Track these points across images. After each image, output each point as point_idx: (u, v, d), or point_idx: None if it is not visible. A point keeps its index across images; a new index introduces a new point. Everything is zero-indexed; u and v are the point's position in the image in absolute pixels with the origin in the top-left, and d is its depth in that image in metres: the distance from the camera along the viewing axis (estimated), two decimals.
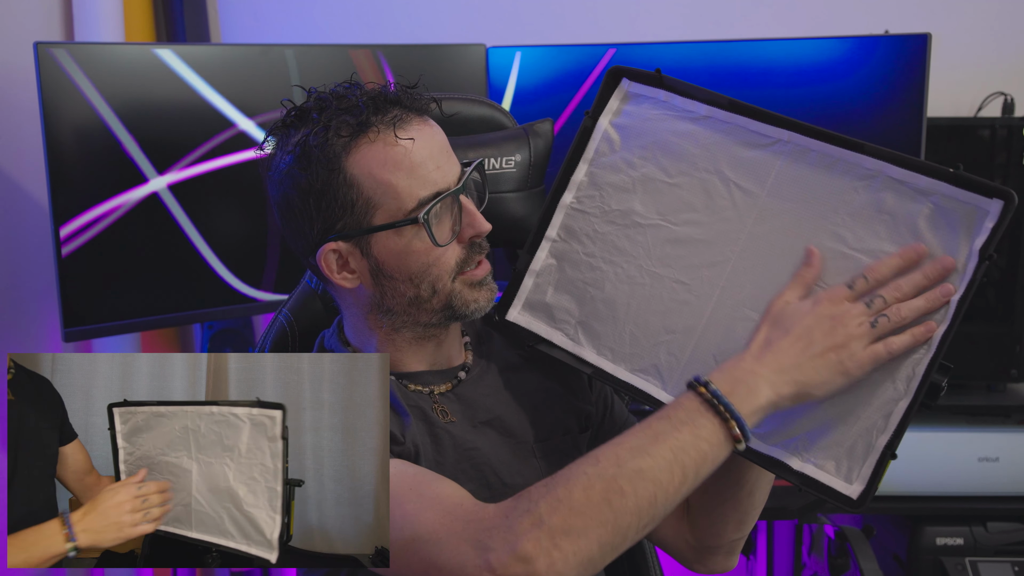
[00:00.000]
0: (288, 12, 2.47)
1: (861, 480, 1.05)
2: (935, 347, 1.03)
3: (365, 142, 1.08)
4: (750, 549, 2.32)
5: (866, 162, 1.08)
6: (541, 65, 2.21)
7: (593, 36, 2.42)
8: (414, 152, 1.09)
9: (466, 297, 1.15)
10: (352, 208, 1.09)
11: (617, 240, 1.20)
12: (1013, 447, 2.04)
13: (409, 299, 1.14)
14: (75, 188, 1.82)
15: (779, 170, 1.12)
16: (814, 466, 1.07)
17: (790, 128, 1.12)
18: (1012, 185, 1.94)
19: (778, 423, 1.08)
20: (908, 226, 1.06)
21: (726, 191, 1.15)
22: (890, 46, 2.08)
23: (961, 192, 1.04)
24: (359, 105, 1.09)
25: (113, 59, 1.85)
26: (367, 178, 1.09)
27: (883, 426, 1.04)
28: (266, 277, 2.04)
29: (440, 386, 1.20)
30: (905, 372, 1.04)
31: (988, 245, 1.02)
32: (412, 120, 1.11)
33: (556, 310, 1.22)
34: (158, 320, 1.95)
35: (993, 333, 2.13)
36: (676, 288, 1.15)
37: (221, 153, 1.96)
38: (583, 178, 1.23)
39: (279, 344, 1.30)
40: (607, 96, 1.24)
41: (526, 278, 1.25)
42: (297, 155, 1.09)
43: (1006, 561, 2.05)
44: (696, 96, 1.18)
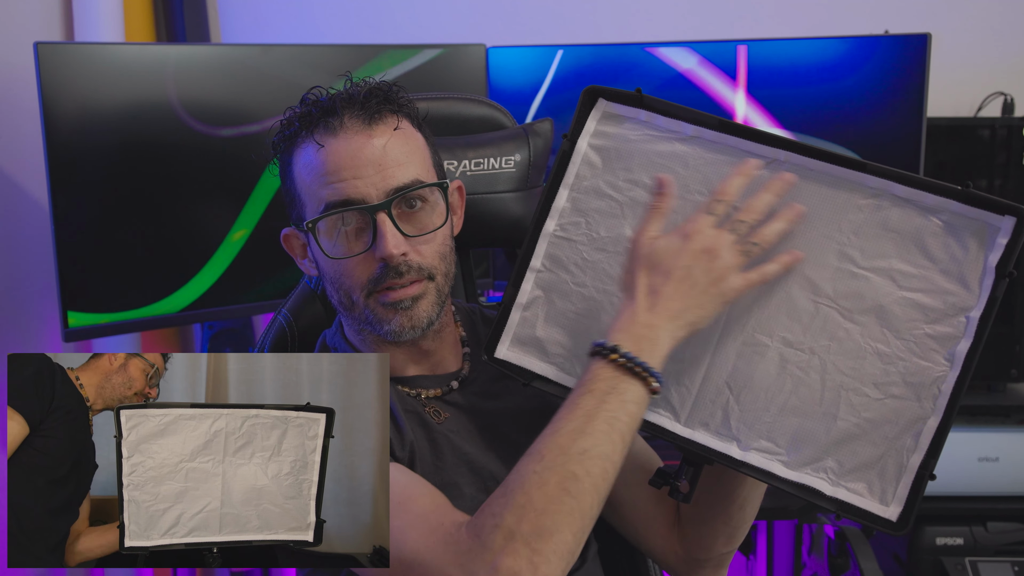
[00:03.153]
0: (288, 12, 2.47)
1: (898, 501, 1.03)
2: (960, 366, 1.02)
3: (301, 143, 1.13)
4: (750, 549, 2.32)
5: (869, 181, 1.06)
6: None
7: (593, 36, 2.42)
8: (328, 158, 1.10)
9: (380, 316, 1.13)
10: (293, 202, 1.16)
11: (609, 268, 1.14)
12: (1013, 447, 2.04)
13: (338, 302, 1.17)
14: (75, 188, 1.82)
15: None
16: (846, 490, 1.05)
17: (785, 147, 1.09)
18: (1012, 185, 1.92)
19: (803, 448, 1.07)
20: (916, 244, 1.04)
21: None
22: (890, 46, 2.08)
23: (971, 209, 1.02)
24: (312, 106, 1.13)
25: (113, 59, 1.85)
26: (298, 176, 1.14)
27: (913, 446, 1.03)
28: (266, 277, 2.04)
29: (430, 391, 1.20)
30: (930, 391, 1.03)
31: (1005, 262, 1.01)
32: (347, 127, 1.11)
33: (548, 343, 1.16)
34: (158, 320, 1.95)
35: (993, 333, 2.12)
36: None
37: (221, 153, 1.96)
38: (565, 204, 1.17)
39: (278, 344, 1.30)
40: (584, 117, 1.17)
41: (512, 312, 1.18)
42: (274, 142, 1.17)
43: (1006, 561, 2.05)
44: (680, 116, 1.13)
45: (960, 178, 2.17)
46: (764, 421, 1.08)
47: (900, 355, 1.04)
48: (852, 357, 1.06)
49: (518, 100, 2.23)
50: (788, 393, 1.07)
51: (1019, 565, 2.04)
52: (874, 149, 2.10)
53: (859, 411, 1.05)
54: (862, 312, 1.06)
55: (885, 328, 1.05)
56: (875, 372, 1.05)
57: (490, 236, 1.42)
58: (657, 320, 1.03)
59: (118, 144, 1.86)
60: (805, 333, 1.07)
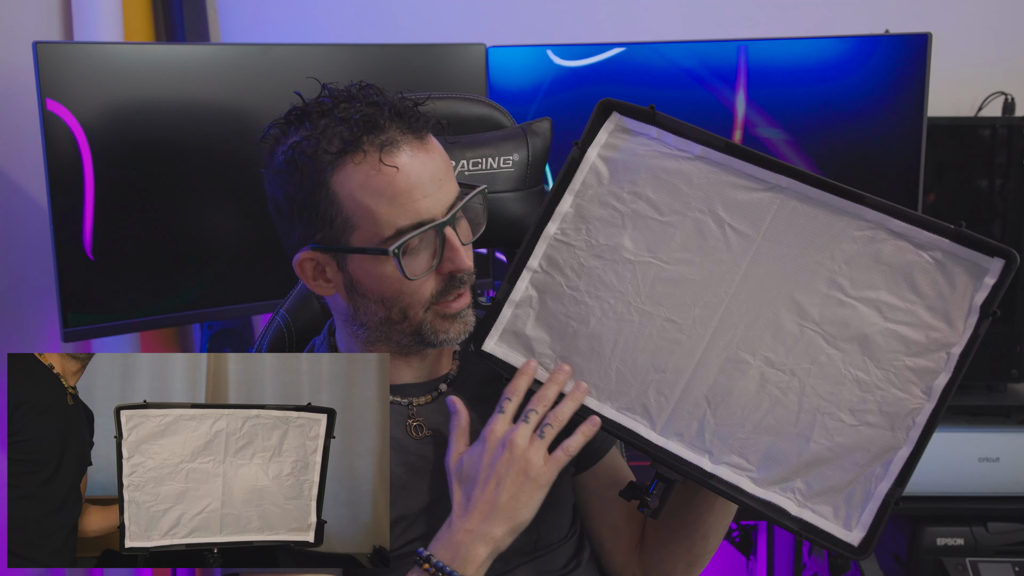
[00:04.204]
0: (288, 12, 2.47)
1: (862, 527, 1.05)
2: (936, 399, 1.04)
3: (351, 163, 1.06)
4: (750, 549, 2.32)
5: (866, 213, 1.09)
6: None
7: (593, 36, 2.42)
8: (398, 180, 1.06)
9: (436, 328, 1.13)
10: (331, 223, 1.08)
11: (604, 275, 1.17)
12: (1013, 447, 2.04)
13: (380, 319, 1.13)
14: (75, 188, 1.82)
15: (775, 214, 1.12)
16: (812, 512, 1.07)
17: (787, 174, 1.12)
18: (1012, 185, 1.93)
19: (773, 467, 1.08)
20: (906, 278, 1.07)
21: (720, 233, 1.14)
22: (890, 46, 2.08)
23: (962, 249, 1.05)
24: (353, 119, 1.06)
25: (113, 59, 1.85)
26: (348, 198, 1.06)
27: (882, 474, 1.05)
28: (265, 277, 2.04)
29: (420, 398, 1.20)
30: (905, 422, 1.05)
31: (990, 302, 1.04)
32: (404, 144, 1.07)
33: (535, 342, 1.19)
34: (158, 320, 1.95)
35: (993, 333, 2.12)
36: (667, 327, 1.14)
37: (221, 152, 1.96)
38: (568, 209, 1.21)
39: (276, 345, 1.30)
40: (596, 128, 1.21)
41: (505, 308, 1.21)
42: (288, 159, 1.08)
43: (1006, 561, 2.05)
44: (690, 136, 1.17)
45: (961, 180, 2.17)
46: (738, 437, 1.10)
47: (879, 384, 1.07)
48: (831, 382, 1.08)
49: (518, 100, 2.23)
50: (764, 412, 1.09)
51: (1019, 565, 2.04)
52: (874, 149, 2.10)
53: (833, 435, 1.07)
54: (846, 339, 1.08)
55: (867, 357, 1.07)
56: (852, 399, 1.07)
57: (489, 236, 1.42)
58: (471, 525, 1.07)
59: (118, 144, 1.86)
60: (788, 355, 1.10)
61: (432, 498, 1.15)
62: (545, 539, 1.21)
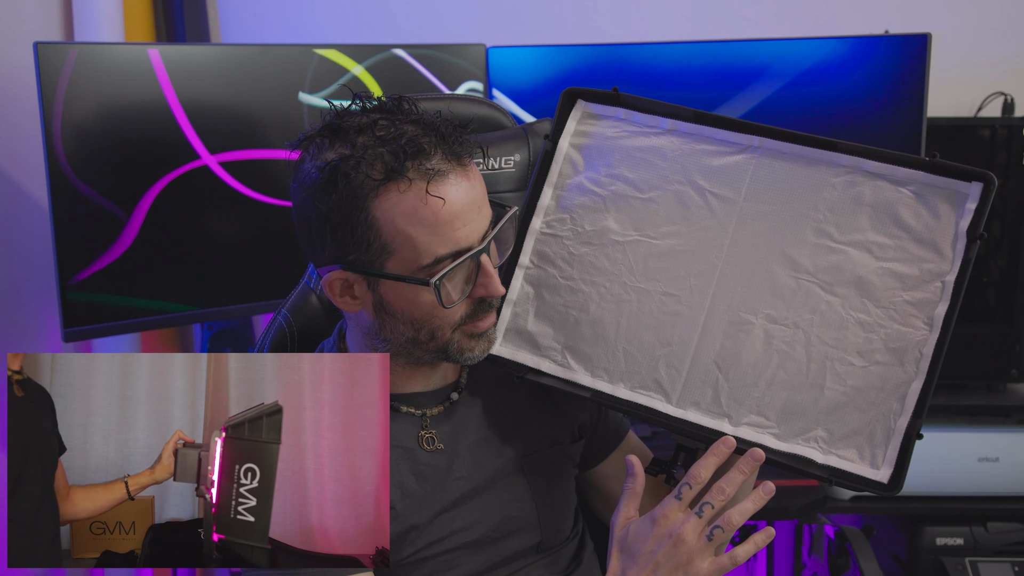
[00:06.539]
0: (288, 12, 2.46)
1: (888, 464, 1.07)
2: (940, 328, 1.06)
3: (395, 190, 1.03)
4: None
5: (840, 159, 1.10)
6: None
7: (593, 36, 2.42)
8: (443, 211, 1.04)
9: (463, 346, 1.13)
10: (368, 247, 1.06)
11: (595, 260, 1.19)
12: (1013, 447, 2.04)
13: (408, 338, 1.12)
14: (75, 188, 1.82)
15: (753, 174, 1.13)
16: (838, 457, 1.09)
17: (759, 133, 1.13)
18: (1012, 185, 1.93)
19: (793, 420, 1.10)
20: (890, 216, 1.09)
21: (702, 200, 1.15)
22: (890, 46, 2.08)
23: (939, 179, 1.07)
24: (398, 144, 1.03)
25: (113, 59, 1.85)
26: (389, 225, 1.04)
27: (900, 409, 1.07)
28: (265, 277, 2.04)
29: (432, 408, 1.19)
30: (912, 355, 1.07)
31: (975, 226, 1.05)
32: (451, 174, 1.05)
33: (540, 337, 1.20)
34: (158, 320, 1.95)
35: (993, 333, 2.13)
36: (665, 301, 1.15)
37: (220, 153, 1.95)
38: (550, 202, 1.22)
39: (278, 344, 1.30)
40: (564, 118, 1.23)
41: (503, 308, 1.22)
42: (325, 178, 1.04)
43: (1006, 561, 2.05)
44: (657, 111, 1.18)
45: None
46: (753, 396, 1.11)
47: (881, 323, 1.08)
48: (835, 328, 1.10)
49: (518, 100, 2.22)
50: (775, 368, 1.11)
51: (1019, 565, 2.04)
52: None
53: (845, 380, 1.09)
54: (842, 284, 1.10)
55: (865, 298, 1.09)
56: (858, 341, 1.09)
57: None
58: None
59: (118, 144, 1.86)
60: (788, 308, 1.11)
61: (442, 507, 1.15)
62: (549, 541, 1.21)
